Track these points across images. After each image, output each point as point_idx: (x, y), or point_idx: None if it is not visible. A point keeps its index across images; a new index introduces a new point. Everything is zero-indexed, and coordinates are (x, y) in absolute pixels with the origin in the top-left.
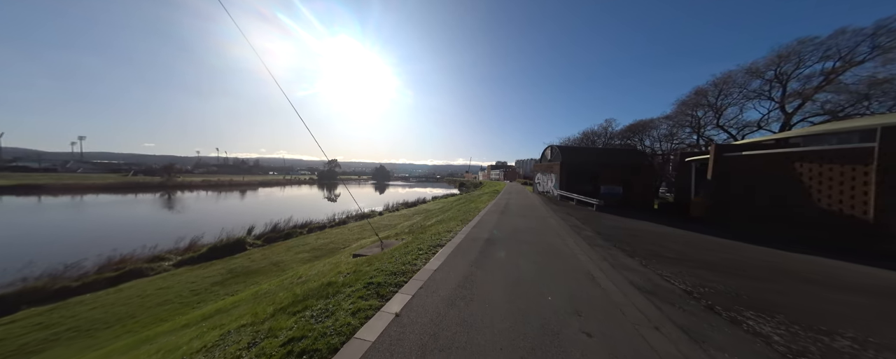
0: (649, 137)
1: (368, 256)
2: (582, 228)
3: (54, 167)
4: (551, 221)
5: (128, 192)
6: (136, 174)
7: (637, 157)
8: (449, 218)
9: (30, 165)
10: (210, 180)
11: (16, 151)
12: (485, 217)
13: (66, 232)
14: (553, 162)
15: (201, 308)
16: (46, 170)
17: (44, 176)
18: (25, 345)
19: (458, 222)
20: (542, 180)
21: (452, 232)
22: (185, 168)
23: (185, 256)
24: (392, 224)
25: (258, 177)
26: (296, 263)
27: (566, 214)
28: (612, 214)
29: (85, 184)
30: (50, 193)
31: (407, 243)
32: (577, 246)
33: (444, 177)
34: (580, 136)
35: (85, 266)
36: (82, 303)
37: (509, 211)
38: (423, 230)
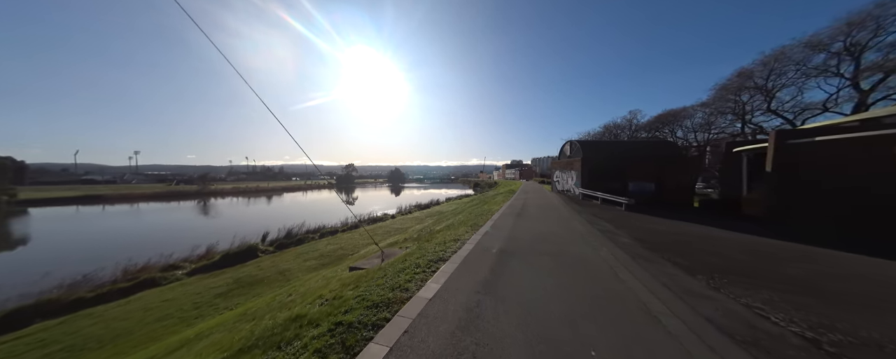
0: (681, 128)
1: (362, 272)
2: (615, 234)
3: (114, 179)
4: (576, 224)
5: (170, 199)
6: (178, 183)
7: (669, 149)
8: (459, 222)
9: (96, 178)
10: (239, 187)
11: (88, 166)
12: (499, 221)
13: (106, 238)
14: (573, 158)
15: (197, 325)
16: (108, 182)
17: (105, 187)
18: None
19: (468, 228)
20: (562, 178)
21: (460, 241)
22: (219, 176)
23: (198, 264)
24: (403, 228)
25: (282, 183)
26: (301, 272)
27: (592, 215)
28: (645, 215)
29: (136, 193)
30: (108, 203)
31: (408, 255)
32: (615, 259)
33: (458, 178)
34: (601, 130)
35: (102, 276)
36: (90, 316)
37: (527, 213)
38: (429, 237)
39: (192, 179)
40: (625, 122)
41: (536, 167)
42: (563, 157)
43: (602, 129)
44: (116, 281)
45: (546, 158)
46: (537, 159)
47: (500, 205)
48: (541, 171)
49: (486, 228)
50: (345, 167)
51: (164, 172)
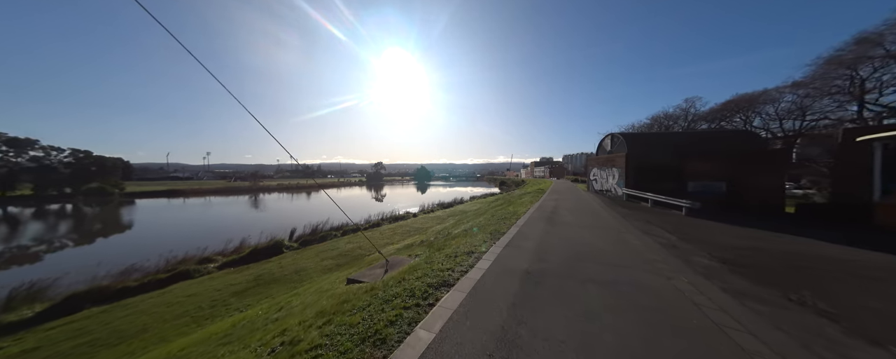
0: (760, 116)
1: (355, 289)
2: (686, 251)
3: (191, 176)
4: (626, 234)
5: (228, 194)
6: (235, 180)
7: (748, 140)
8: (481, 226)
9: (179, 175)
10: (283, 184)
11: (175, 165)
12: (526, 227)
13: (177, 227)
14: (615, 154)
15: (207, 326)
16: (187, 178)
17: (183, 183)
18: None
19: (487, 235)
20: (600, 177)
21: (475, 254)
22: (268, 174)
23: (229, 258)
24: (423, 227)
25: (319, 180)
26: (317, 273)
27: (645, 222)
28: (718, 223)
29: (204, 188)
30: (185, 196)
31: (411, 269)
32: (703, 296)
33: (484, 176)
34: (649, 121)
35: (148, 266)
36: (125, 306)
37: (560, 217)
38: (443, 243)
39: (246, 176)
40: (679, 112)
41: (568, 165)
42: (601, 152)
43: (649, 120)
44: (158, 272)
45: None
46: (570, 156)
47: (527, 206)
48: (573, 169)
49: (509, 237)
50: (374, 165)
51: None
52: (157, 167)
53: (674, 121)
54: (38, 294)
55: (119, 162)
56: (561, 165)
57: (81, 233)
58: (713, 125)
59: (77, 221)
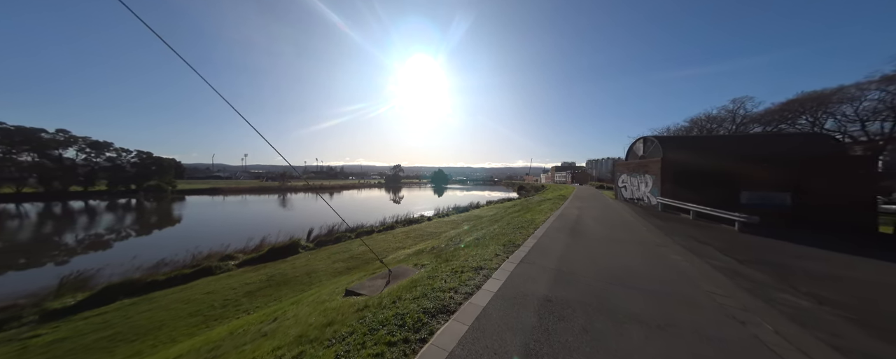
0: (833, 117)
1: (347, 307)
2: (760, 282)
3: (230, 176)
4: (670, 254)
5: (261, 193)
6: (267, 180)
7: (819, 144)
8: (493, 235)
9: (220, 175)
10: (308, 184)
11: (219, 166)
12: (545, 239)
13: (213, 222)
14: (648, 159)
15: (214, 327)
16: (227, 178)
17: (223, 182)
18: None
19: (500, 246)
20: (631, 184)
21: (484, 270)
22: (295, 175)
23: (249, 256)
24: (436, 232)
25: (341, 181)
26: (327, 276)
27: (690, 238)
28: (788, 243)
29: (240, 187)
30: (224, 194)
31: (411, 285)
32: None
33: (502, 180)
34: (687, 124)
35: (176, 260)
36: (150, 300)
37: (585, 228)
38: (451, 254)
39: (275, 177)
40: (725, 113)
41: (593, 170)
42: (632, 157)
43: (688, 123)
44: (184, 267)
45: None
46: (594, 161)
47: (546, 214)
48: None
49: (525, 250)
50: (392, 168)
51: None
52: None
53: (718, 124)
54: (84, 283)
55: (173, 162)
56: (584, 171)
57: (141, 225)
58: (770, 128)
59: (138, 215)
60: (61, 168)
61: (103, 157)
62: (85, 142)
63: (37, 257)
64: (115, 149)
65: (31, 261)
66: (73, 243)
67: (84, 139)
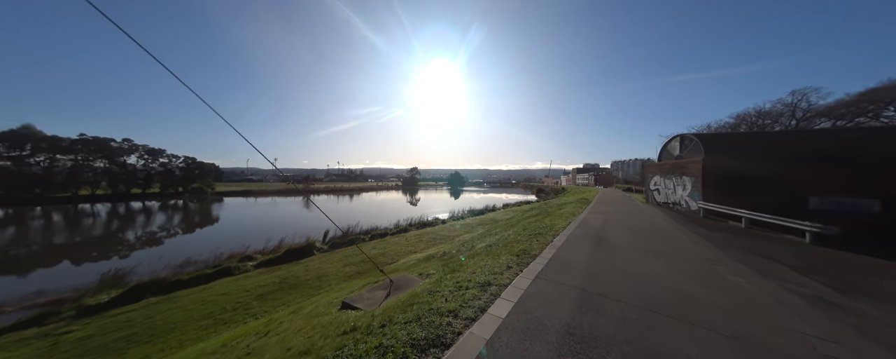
0: None
1: (334, 326)
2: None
3: (260, 179)
4: (725, 272)
5: (287, 195)
6: (292, 183)
7: None
8: (507, 242)
9: (252, 178)
10: (330, 186)
11: (252, 170)
12: (566, 250)
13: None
14: (686, 159)
15: (221, 332)
16: (257, 181)
17: (254, 185)
18: None
19: (513, 257)
20: (665, 186)
21: (491, 287)
22: (319, 177)
23: (267, 257)
24: (449, 236)
25: (360, 183)
26: (336, 280)
27: (749, 252)
28: (890, 262)
29: (269, 189)
30: (254, 196)
31: (408, 301)
32: None
33: (519, 182)
34: (732, 120)
35: (199, 260)
36: (171, 300)
37: (612, 237)
38: (459, 264)
39: (300, 180)
40: (781, 108)
41: (619, 172)
42: (666, 157)
43: (733, 119)
44: (206, 267)
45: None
46: (620, 163)
47: (567, 219)
48: (625, 176)
49: (541, 262)
50: (409, 171)
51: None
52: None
53: (772, 119)
54: (120, 280)
55: (213, 166)
56: (609, 173)
57: (187, 224)
58: (845, 122)
59: (184, 214)
60: (126, 173)
61: (157, 162)
62: (144, 149)
63: (98, 252)
64: (167, 155)
65: (85, 256)
66: (133, 240)
67: (143, 147)
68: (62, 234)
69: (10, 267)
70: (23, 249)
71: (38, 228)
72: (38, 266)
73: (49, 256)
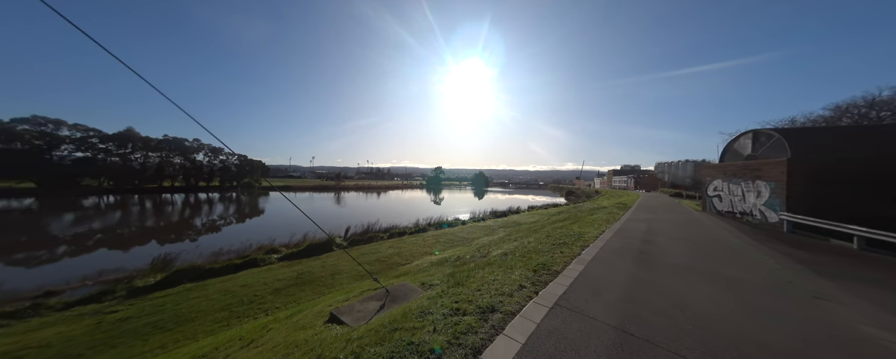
0: None
1: (311, 348)
2: None
3: (300, 175)
4: (870, 329)
5: (321, 191)
6: (326, 180)
7: None
8: (526, 252)
9: (293, 174)
10: (359, 184)
11: (293, 167)
12: (596, 266)
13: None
14: (763, 159)
15: (232, 327)
16: (298, 177)
17: (294, 181)
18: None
19: (528, 272)
20: (729, 192)
21: (496, 315)
22: (349, 175)
23: (290, 250)
24: (468, 238)
25: (387, 182)
26: (349, 279)
27: (881, 286)
28: None
29: (306, 185)
30: (294, 191)
31: (391, 325)
32: None
33: (548, 184)
34: (829, 113)
35: (230, 250)
36: (202, 287)
37: (660, 254)
38: (467, 275)
39: (332, 177)
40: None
41: (664, 174)
42: (732, 157)
43: (831, 112)
44: (235, 258)
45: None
46: (667, 164)
47: (600, 227)
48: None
49: (563, 282)
50: (434, 170)
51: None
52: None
53: (891, 110)
54: (167, 264)
55: (260, 164)
56: (652, 175)
57: (239, 214)
58: None
59: (237, 206)
60: (196, 168)
61: (218, 159)
62: (209, 148)
63: (175, 235)
64: (225, 153)
65: (165, 238)
66: (199, 226)
67: (208, 146)
68: (151, 218)
69: (116, 243)
70: (125, 229)
71: (136, 213)
72: (132, 245)
73: (139, 238)
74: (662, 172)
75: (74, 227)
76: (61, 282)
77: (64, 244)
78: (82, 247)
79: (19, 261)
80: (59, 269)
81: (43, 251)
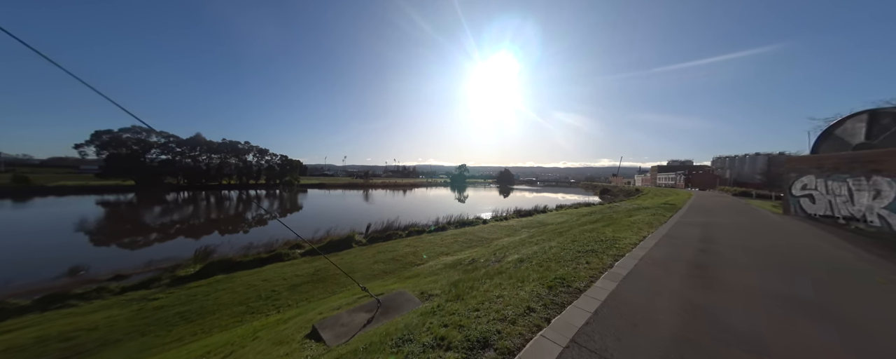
0: None
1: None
2: None
3: (334, 173)
4: None
5: (350, 188)
6: (355, 178)
7: None
8: (544, 259)
9: (327, 173)
10: (386, 182)
11: (328, 166)
12: (632, 286)
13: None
14: (884, 148)
15: (247, 322)
16: (332, 175)
17: (327, 179)
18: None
19: (543, 290)
20: (829, 192)
21: (487, 352)
22: (377, 173)
23: (313, 245)
24: (488, 238)
25: (412, 179)
26: (363, 277)
27: None
28: None
29: (337, 183)
30: (327, 188)
31: (370, 348)
32: None
33: (579, 181)
34: None
35: (258, 244)
36: (229, 280)
37: (723, 269)
38: (469, 287)
39: (361, 175)
40: None
41: (725, 170)
42: (833, 146)
43: None
44: (262, 252)
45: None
46: (728, 159)
47: (641, 232)
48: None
49: (587, 307)
50: (458, 168)
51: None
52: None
53: None
54: (207, 255)
55: (299, 163)
56: (708, 171)
57: (281, 209)
58: None
59: (280, 202)
60: (247, 167)
61: (263, 159)
62: (257, 149)
63: (232, 227)
64: (271, 154)
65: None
66: (250, 219)
67: (256, 147)
68: (213, 211)
69: (186, 233)
70: (195, 220)
71: (203, 207)
72: (201, 234)
73: (206, 228)
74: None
75: (160, 217)
76: (131, 266)
77: (153, 232)
78: (166, 234)
79: (124, 244)
80: (139, 254)
81: (140, 237)
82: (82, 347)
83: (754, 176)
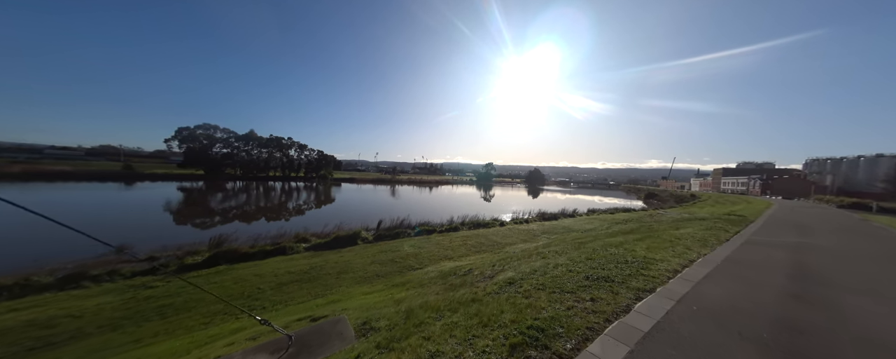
0: None
1: None
2: None
3: (365, 169)
4: None
5: (379, 184)
6: (385, 173)
7: None
8: (539, 285)
9: (359, 168)
10: (412, 178)
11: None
12: (668, 347)
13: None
14: None
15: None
16: (363, 170)
17: (358, 174)
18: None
19: (503, 345)
20: None
21: None
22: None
23: (319, 240)
24: (501, 243)
25: (438, 177)
26: (352, 281)
27: None
28: None
29: (367, 178)
30: (357, 183)
31: None
32: None
33: (620, 183)
34: None
35: (266, 236)
36: (231, 270)
37: (840, 339)
38: (419, 325)
39: (389, 171)
40: None
41: (825, 176)
42: None
43: None
44: (267, 244)
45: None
46: (829, 162)
47: (687, 255)
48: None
49: None
50: (484, 166)
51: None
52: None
53: None
54: (220, 243)
55: (333, 158)
56: (798, 177)
57: (317, 201)
58: None
59: (316, 194)
60: (290, 161)
61: (303, 154)
62: (298, 145)
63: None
64: (309, 149)
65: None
66: (291, 208)
67: (297, 142)
68: (263, 200)
69: (241, 217)
70: (249, 207)
71: (255, 195)
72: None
73: (251, 214)
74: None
75: (222, 203)
76: (174, 245)
77: (215, 215)
78: (225, 218)
79: (197, 224)
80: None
81: (204, 218)
82: (55, 337)
83: (873, 184)
